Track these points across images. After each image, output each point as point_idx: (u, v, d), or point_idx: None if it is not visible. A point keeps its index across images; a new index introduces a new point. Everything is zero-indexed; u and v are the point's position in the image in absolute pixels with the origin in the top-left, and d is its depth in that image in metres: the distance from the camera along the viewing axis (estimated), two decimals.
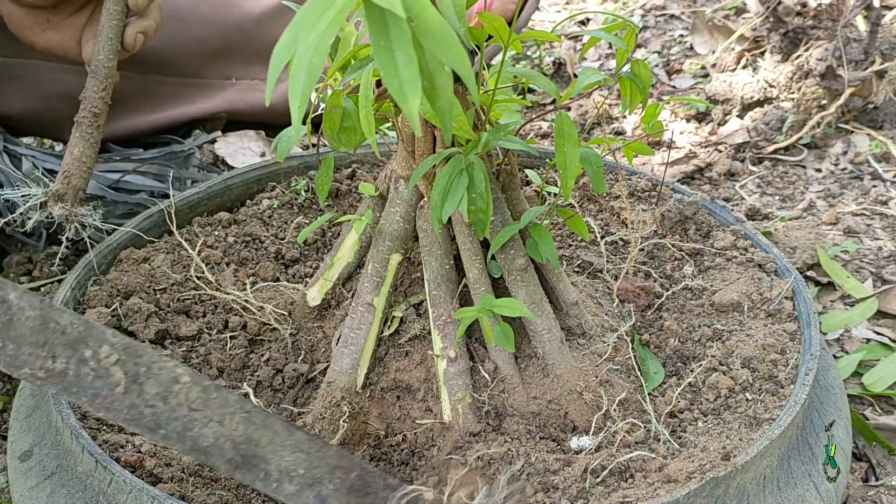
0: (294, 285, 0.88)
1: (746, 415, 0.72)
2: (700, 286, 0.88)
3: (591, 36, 0.71)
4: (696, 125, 1.48)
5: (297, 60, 0.38)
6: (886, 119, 1.41)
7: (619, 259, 0.92)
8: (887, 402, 0.92)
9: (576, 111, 1.50)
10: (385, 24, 0.37)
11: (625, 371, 0.77)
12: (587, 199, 1.02)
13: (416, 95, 0.37)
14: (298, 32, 0.38)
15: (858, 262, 1.12)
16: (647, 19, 1.85)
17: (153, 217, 0.95)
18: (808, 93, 1.38)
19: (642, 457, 0.69)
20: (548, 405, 0.74)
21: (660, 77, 1.64)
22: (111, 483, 0.65)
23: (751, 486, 0.66)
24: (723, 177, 1.34)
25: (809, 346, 0.76)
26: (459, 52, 0.38)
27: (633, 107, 0.72)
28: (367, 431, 0.73)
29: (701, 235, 0.95)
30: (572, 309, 0.78)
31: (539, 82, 0.69)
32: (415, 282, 0.76)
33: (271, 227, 1.00)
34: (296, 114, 0.40)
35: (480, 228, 0.66)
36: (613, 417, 0.73)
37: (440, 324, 0.72)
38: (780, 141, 1.38)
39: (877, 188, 1.28)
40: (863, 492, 0.81)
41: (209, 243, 0.94)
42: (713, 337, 0.82)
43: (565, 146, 0.68)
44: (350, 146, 0.70)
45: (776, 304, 0.83)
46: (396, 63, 0.37)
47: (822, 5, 1.44)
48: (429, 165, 0.65)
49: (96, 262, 0.88)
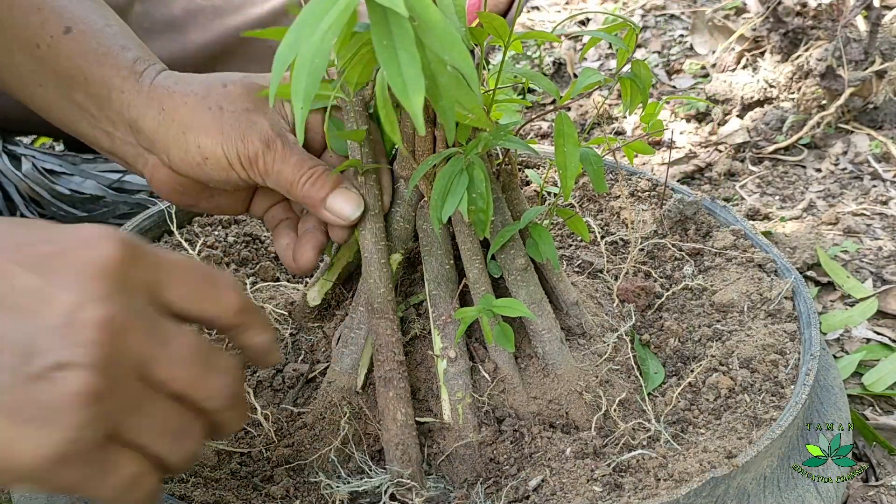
0: (294, 285, 0.88)
1: (746, 415, 0.72)
2: (700, 286, 0.88)
3: (591, 36, 0.71)
4: (696, 125, 1.48)
5: (299, 61, 0.38)
6: (886, 119, 1.41)
7: (619, 259, 0.92)
8: (887, 402, 0.92)
9: (576, 111, 1.51)
10: (387, 23, 0.37)
11: (625, 371, 0.77)
12: (587, 199, 1.02)
13: (419, 93, 0.37)
14: (301, 33, 0.38)
15: (858, 262, 1.12)
16: (647, 19, 1.85)
17: (153, 217, 0.95)
18: (808, 93, 1.38)
19: (642, 456, 0.69)
20: (548, 405, 0.74)
21: (660, 77, 1.64)
22: None
23: (751, 485, 0.66)
24: (723, 177, 1.34)
25: (809, 346, 0.76)
26: (462, 50, 0.38)
27: (634, 107, 0.72)
28: (368, 431, 0.73)
29: (701, 235, 0.95)
30: (572, 309, 0.78)
31: (539, 82, 0.69)
32: (415, 282, 0.76)
33: None
34: (299, 115, 0.40)
35: (480, 228, 0.66)
36: (613, 418, 0.73)
37: (440, 324, 0.72)
38: (780, 141, 1.38)
39: (877, 188, 1.28)
40: (863, 492, 0.81)
41: (209, 243, 0.94)
42: (713, 337, 0.82)
43: (565, 146, 0.68)
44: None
45: (776, 304, 0.83)
46: (399, 61, 0.37)
47: (822, 5, 1.44)
48: (429, 165, 0.65)
49: None
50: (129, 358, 0.49)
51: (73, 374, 0.46)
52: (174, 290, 0.52)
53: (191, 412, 0.53)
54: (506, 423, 0.73)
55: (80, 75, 0.75)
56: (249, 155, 0.70)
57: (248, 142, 0.69)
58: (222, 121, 0.70)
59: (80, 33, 0.76)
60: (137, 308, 0.49)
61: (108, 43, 0.76)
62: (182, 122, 0.71)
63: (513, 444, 0.72)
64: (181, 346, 0.51)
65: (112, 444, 0.50)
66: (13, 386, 0.46)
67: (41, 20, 0.76)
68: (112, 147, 0.78)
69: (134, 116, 0.74)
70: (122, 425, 0.50)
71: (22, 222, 0.52)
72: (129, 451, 0.51)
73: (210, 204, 0.78)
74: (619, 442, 0.72)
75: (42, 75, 0.77)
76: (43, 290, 0.47)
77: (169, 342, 0.51)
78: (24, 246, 0.48)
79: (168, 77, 0.75)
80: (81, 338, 0.47)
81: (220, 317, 0.55)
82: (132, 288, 0.49)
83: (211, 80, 0.73)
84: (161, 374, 0.51)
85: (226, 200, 0.78)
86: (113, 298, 0.48)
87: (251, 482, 0.70)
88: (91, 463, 0.49)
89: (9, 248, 0.48)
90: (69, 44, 0.75)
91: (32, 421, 0.47)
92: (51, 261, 0.48)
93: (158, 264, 0.52)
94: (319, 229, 0.75)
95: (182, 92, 0.72)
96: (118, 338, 0.48)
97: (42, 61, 0.76)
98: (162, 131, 0.72)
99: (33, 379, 0.46)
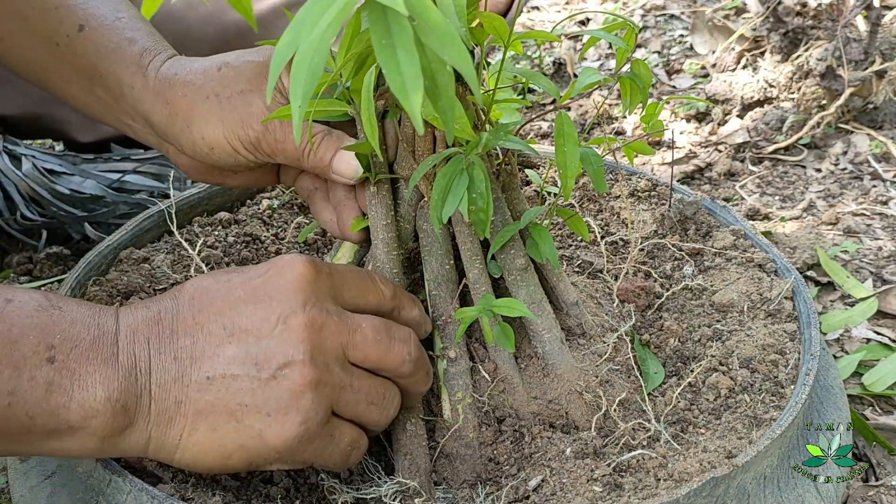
0: None
1: (746, 415, 0.72)
2: (700, 286, 0.87)
3: (591, 36, 0.71)
4: (696, 125, 1.48)
5: (298, 59, 0.38)
6: (886, 119, 1.41)
7: (619, 259, 0.92)
8: (887, 402, 0.92)
9: (576, 111, 1.50)
10: (387, 21, 0.37)
11: (625, 371, 0.77)
12: (587, 199, 1.02)
13: (418, 93, 0.37)
14: (300, 31, 0.38)
15: (858, 262, 1.12)
16: (647, 19, 1.85)
17: (153, 217, 0.95)
18: (808, 93, 1.38)
19: (642, 456, 0.69)
20: (548, 405, 0.74)
21: (660, 77, 1.64)
22: (111, 483, 0.65)
23: (751, 485, 0.66)
24: (723, 177, 1.34)
25: (809, 346, 0.76)
26: (461, 50, 0.38)
27: (634, 107, 0.72)
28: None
29: (701, 235, 0.94)
30: (572, 309, 0.77)
31: (539, 82, 0.69)
32: (415, 282, 0.76)
33: (271, 227, 1.00)
34: (297, 113, 0.40)
35: (481, 228, 0.66)
36: (613, 418, 0.73)
37: (440, 324, 0.72)
38: (780, 141, 1.38)
39: (877, 188, 1.28)
40: (863, 492, 0.81)
41: (209, 243, 0.94)
42: (713, 337, 0.82)
43: (565, 146, 0.68)
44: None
45: (776, 304, 0.83)
46: (398, 61, 0.37)
47: (822, 5, 1.44)
48: (429, 165, 0.65)
49: (96, 262, 0.88)
50: (331, 348, 0.61)
51: (296, 370, 0.60)
52: (347, 291, 0.65)
53: (387, 381, 0.66)
54: (506, 423, 0.73)
55: (95, 72, 0.78)
56: (251, 139, 0.71)
57: (247, 127, 0.70)
58: (221, 109, 0.71)
59: (92, 30, 0.78)
60: (328, 308, 0.62)
61: (116, 38, 0.77)
62: (184, 114, 0.72)
63: (513, 444, 0.72)
64: (366, 329, 0.63)
65: (334, 418, 0.63)
66: (254, 389, 0.59)
67: (59, 18, 0.78)
68: (137, 136, 0.82)
69: (145, 111, 0.75)
70: (339, 402, 0.62)
71: (230, 269, 0.66)
72: (346, 423, 0.64)
73: (238, 181, 0.81)
74: (619, 442, 0.72)
75: (66, 71, 0.80)
76: (259, 313, 0.61)
77: (356, 329, 0.63)
78: (238, 286, 0.62)
79: (171, 66, 0.75)
80: (294, 339, 0.60)
81: (381, 304, 0.67)
82: (320, 295, 0.62)
83: (208, 64, 0.74)
84: (357, 354, 0.63)
85: (252, 176, 0.80)
86: (309, 304, 0.61)
87: (251, 483, 0.70)
88: (322, 437, 0.62)
89: (228, 290, 0.62)
90: (84, 41, 0.78)
91: (275, 413, 0.60)
92: (259, 290, 0.61)
93: (332, 275, 0.64)
94: (350, 197, 0.75)
95: (182, 82, 0.73)
96: (319, 334, 0.61)
97: (63, 58, 0.79)
98: (169, 124, 0.73)
99: (267, 380, 0.59)
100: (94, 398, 0.57)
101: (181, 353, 0.60)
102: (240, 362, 0.60)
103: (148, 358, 0.60)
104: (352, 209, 0.74)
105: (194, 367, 0.60)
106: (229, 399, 0.59)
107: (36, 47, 0.80)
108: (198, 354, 0.60)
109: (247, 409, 0.60)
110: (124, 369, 0.59)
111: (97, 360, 0.58)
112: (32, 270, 1.12)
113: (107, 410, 0.58)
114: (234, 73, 0.72)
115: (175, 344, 0.60)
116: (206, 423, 0.60)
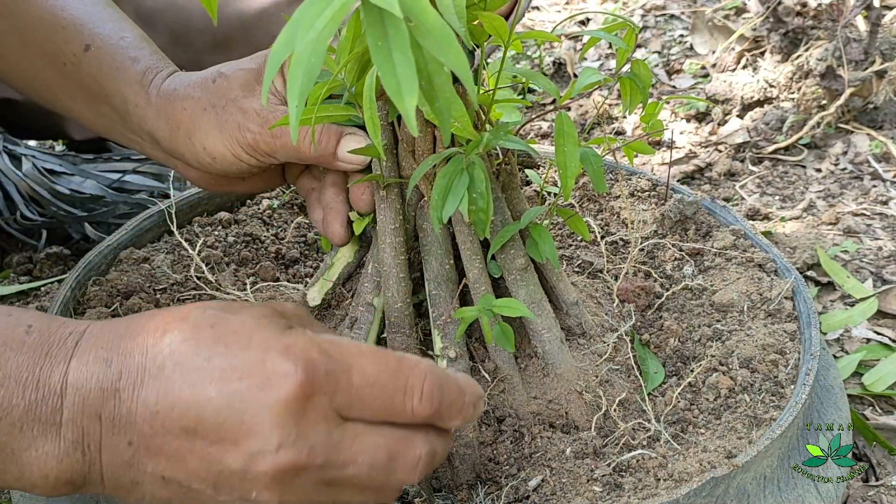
0: (294, 285, 0.88)
1: (746, 415, 0.72)
2: (700, 286, 0.87)
3: (591, 36, 0.71)
4: (696, 125, 1.48)
5: (295, 59, 0.38)
6: (886, 119, 1.41)
7: (619, 259, 0.92)
8: (887, 402, 0.92)
9: (576, 111, 1.50)
10: (383, 24, 0.37)
11: (625, 371, 0.77)
12: (587, 199, 1.02)
13: (412, 95, 0.37)
14: (297, 31, 0.38)
15: (858, 262, 1.12)
16: (647, 19, 1.85)
17: (153, 217, 0.95)
18: (808, 93, 1.38)
19: (642, 456, 0.69)
20: (548, 405, 0.74)
21: (660, 77, 1.64)
22: None
23: (751, 485, 0.66)
24: (723, 177, 1.34)
25: (809, 346, 0.76)
26: (458, 52, 0.38)
27: (633, 107, 0.72)
28: None
29: (701, 235, 0.94)
30: (572, 309, 0.77)
31: (539, 82, 0.69)
32: (415, 282, 0.76)
33: (271, 227, 1.00)
34: (294, 113, 0.40)
35: (481, 228, 0.66)
36: (613, 417, 0.73)
37: (440, 324, 0.72)
38: (780, 141, 1.38)
39: (877, 188, 1.28)
40: (863, 492, 0.81)
41: (209, 243, 0.94)
42: (713, 337, 0.82)
43: (565, 146, 0.68)
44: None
45: (776, 303, 0.83)
46: (394, 63, 0.37)
47: (822, 5, 1.44)
48: (429, 165, 0.65)
49: (96, 262, 0.88)
50: (307, 490, 0.53)
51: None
52: (358, 412, 0.53)
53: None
54: (506, 423, 0.73)
55: (101, 91, 0.79)
56: (249, 142, 0.71)
57: (244, 130, 0.71)
58: (218, 118, 0.72)
59: (98, 49, 0.79)
60: (313, 443, 0.52)
61: (120, 57, 0.78)
62: (185, 128, 0.74)
63: (513, 443, 0.72)
64: (362, 465, 0.53)
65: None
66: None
67: (65, 38, 0.79)
68: (144, 152, 0.82)
69: (150, 128, 0.77)
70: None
71: (220, 326, 0.53)
72: None
73: (247, 187, 0.81)
74: (619, 442, 0.72)
75: (73, 90, 0.81)
76: (225, 432, 0.51)
77: (346, 466, 0.53)
78: (216, 378, 0.51)
79: (171, 82, 0.77)
80: (258, 484, 0.51)
81: (412, 420, 0.55)
82: (309, 423, 0.51)
83: (205, 76, 0.75)
84: (343, 495, 0.54)
85: (260, 181, 0.81)
86: (287, 445, 0.51)
87: None
88: None
89: (200, 379, 0.51)
90: (90, 61, 0.79)
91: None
92: (233, 400, 0.51)
93: (338, 393, 0.52)
94: (338, 200, 0.75)
95: (181, 96, 0.74)
96: (292, 483, 0.52)
97: (70, 77, 0.80)
98: (172, 139, 0.75)
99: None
100: (30, 474, 0.52)
101: (137, 439, 0.52)
102: (200, 479, 0.52)
103: (98, 436, 0.52)
104: (338, 212, 0.74)
105: (151, 460, 0.53)
106: (188, 501, 0.54)
107: (43, 67, 0.81)
108: (154, 450, 0.52)
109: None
110: (67, 443, 0.52)
111: (32, 430, 0.52)
112: (32, 270, 1.12)
113: (47, 485, 0.53)
114: (227, 83, 0.73)
115: (132, 428, 0.52)
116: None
